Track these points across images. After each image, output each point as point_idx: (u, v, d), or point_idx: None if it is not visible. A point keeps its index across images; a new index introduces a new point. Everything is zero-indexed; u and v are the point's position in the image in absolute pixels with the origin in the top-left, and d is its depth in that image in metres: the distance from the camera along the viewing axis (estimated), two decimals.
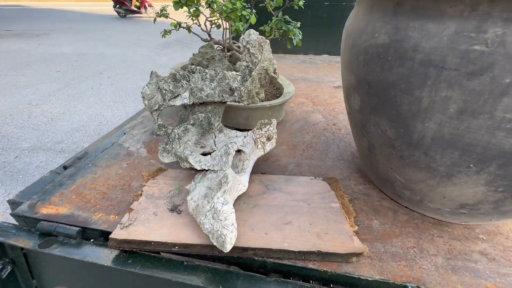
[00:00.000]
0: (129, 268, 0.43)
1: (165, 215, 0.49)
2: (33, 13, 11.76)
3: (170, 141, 0.61)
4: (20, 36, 6.85)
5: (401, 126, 0.39)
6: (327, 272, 0.42)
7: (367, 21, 0.41)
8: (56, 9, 13.40)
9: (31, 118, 2.52)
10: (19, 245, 0.47)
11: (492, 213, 0.42)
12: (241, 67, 0.56)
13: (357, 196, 0.57)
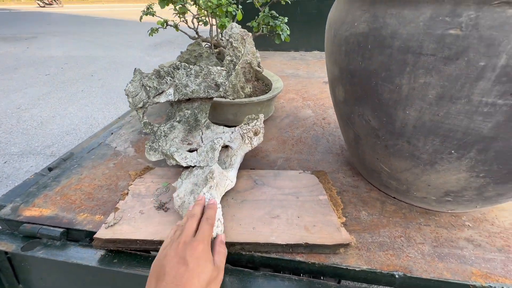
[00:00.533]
0: (114, 268, 0.42)
1: (151, 213, 0.49)
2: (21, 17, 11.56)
3: (156, 139, 0.60)
4: (8, 40, 6.72)
5: (383, 115, 0.39)
6: (315, 264, 0.42)
7: (347, 11, 0.40)
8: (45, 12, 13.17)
9: (20, 123, 2.47)
10: (1, 249, 0.46)
11: (476, 200, 0.43)
12: (226, 61, 0.55)
13: (346, 188, 0.57)
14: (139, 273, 0.41)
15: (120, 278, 0.44)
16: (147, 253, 0.45)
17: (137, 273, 0.41)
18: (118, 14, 11.79)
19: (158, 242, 0.43)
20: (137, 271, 0.41)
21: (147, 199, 0.52)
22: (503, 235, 0.46)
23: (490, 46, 0.26)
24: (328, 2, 1.71)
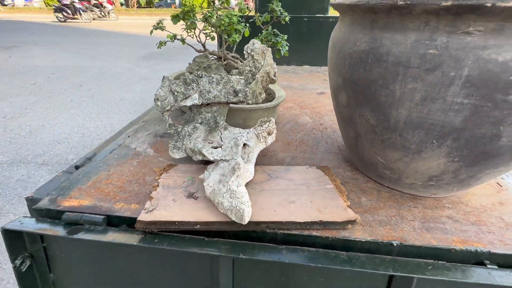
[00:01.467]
0: (157, 246, 0.48)
1: (183, 201, 0.55)
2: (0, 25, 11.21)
3: (180, 138, 0.67)
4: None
5: (380, 114, 0.49)
6: (328, 237, 0.50)
7: (350, 33, 0.51)
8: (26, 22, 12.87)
9: (7, 131, 2.42)
10: (48, 233, 0.51)
11: (453, 183, 0.53)
12: (244, 71, 0.65)
13: (346, 180, 0.67)
14: (180, 249, 0.47)
15: (160, 255, 0.51)
16: (182, 234, 0.51)
17: (178, 249, 0.48)
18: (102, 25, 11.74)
19: (194, 223, 0.50)
20: (178, 247, 0.48)
21: (177, 190, 0.59)
22: (475, 213, 0.57)
23: (457, 62, 0.37)
24: (316, 22, 1.88)
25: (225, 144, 0.62)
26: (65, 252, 0.57)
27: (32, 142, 2.24)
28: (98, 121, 2.65)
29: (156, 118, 1.02)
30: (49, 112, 2.84)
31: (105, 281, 0.59)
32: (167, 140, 0.84)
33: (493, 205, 0.60)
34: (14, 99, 3.20)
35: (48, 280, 0.60)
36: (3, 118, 2.70)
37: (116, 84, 3.81)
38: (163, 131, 0.91)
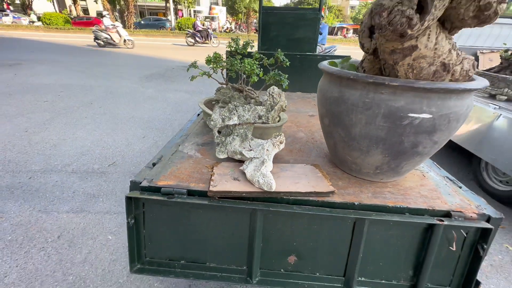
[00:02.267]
0: (219, 204, 0.84)
1: (232, 182, 0.92)
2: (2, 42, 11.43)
3: (223, 145, 1.05)
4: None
5: (346, 131, 0.89)
6: (319, 201, 0.87)
7: (329, 86, 0.92)
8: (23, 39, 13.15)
9: (32, 144, 2.69)
10: (157, 198, 0.85)
11: (389, 171, 0.93)
12: (266, 104, 1.04)
13: (329, 172, 1.05)
14: (237, 205, 0.83)
15: (225, 211, 0.86)
16: (234, 199, 0.87)
17: (232, 206, 0.84)
18: None
19: (242, 192, 0.86)
20: (232, 205, 0.84)
21: (226, 176, 0.95)
22: (404, 189, 0.96)
23: (378, 105, 0.78)
24: (307, 58, 2.35)
25: (255, 148, 1.00)
26: (155, 215, 0.91)
27: (58, 154, 2.52)
28: (115, 136, 2.96)
29: (192, 133, 1.39)
30: (67, 128, 3.13)
31: (179, 235, 0.93)
32: (206, 147, 1.21)
33: (416, 186, 0.99)
34: (31, 115, 3.48)
35: (141, 234, 0.93)
36: (25, 132, 2.97)
37: (124, 103, 4.15)
38: (202, 141, 1.27)
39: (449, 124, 0.77)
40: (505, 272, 1.48)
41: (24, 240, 1.54)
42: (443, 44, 0.70)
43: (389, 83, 0.73)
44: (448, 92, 0.72)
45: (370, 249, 0.89)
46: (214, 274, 0.96)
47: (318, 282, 0.94)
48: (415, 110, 0.75)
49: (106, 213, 1.78)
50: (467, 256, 0.89)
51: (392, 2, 0.62)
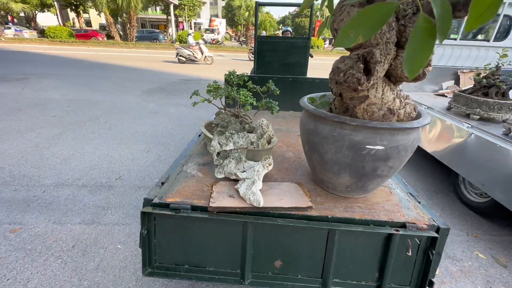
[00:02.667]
0: (221, 217, 1.03)
1: (228, 199, 1.11)
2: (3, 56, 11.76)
3: (221, 166, 1.25)
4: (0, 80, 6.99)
5: (321, 157, 1.10)
6: (298, 214, 1.07)
7: (307, 120, 1.13)
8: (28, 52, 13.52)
9: (43, 159, 2.88)
10: (166, 212, 1.04)
11: (357, 189, 1.13)
12: (257, 132, 1.25)
13: (310, 190, 1.25)
14: (232, 219, 1.03)
15: (222, 223, 1.05)
16: (230, 213, 1.06)
17: (227, 219, 1.03)
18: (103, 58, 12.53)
19: (236, 208, 1.06)
20: (229, 218, 1.03)
21: (223, 193, 1.15)
22: (371, 204, 1.15)
23: (343, 138, 0.98)
24: (298, 81, 2.58)
25: (247, 170, 1.20)
26: (164, 227, 1.10)
27: (69, 168, 2.71)
28: (120, 151, 3.16)
29: (195, 154, 1.59)
30: (76, 143, 3.33)
31: (183, 244, 1.12)
32: (207, 167, 1.40)
33: (382, 201, 1.19)
34: (41, 130, 3.68)
35: (152, 242, 1.12)
36: (37, 147, 3.17)
37: (128, 118, 4.37)
38: (203, 161, 1.47)
39: (399, 153, 0.98)
40: (473, 276, 1.65)
41: (43, 249, 1.71)
42: (388, 94, 0.91)
43: (349, 122, 0.94)
44: (394, 130, 0.93)
45: (342, 255, 1.08)
46: (212, 277, 1.14)
47: (300, 283, 1.12)
48: (371, 143, 0.95)
49: (115, 224, 1.96)
50: (422, 260, 1.07)
51: (346, 66, 0.83)
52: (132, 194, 2.33)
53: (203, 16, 41.61)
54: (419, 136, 1.03)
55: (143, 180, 2.55)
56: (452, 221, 2.17)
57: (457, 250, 1.85)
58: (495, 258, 1.80)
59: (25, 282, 1.49)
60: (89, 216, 2.03)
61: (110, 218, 2.02)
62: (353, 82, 0.82)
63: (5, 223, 1.93)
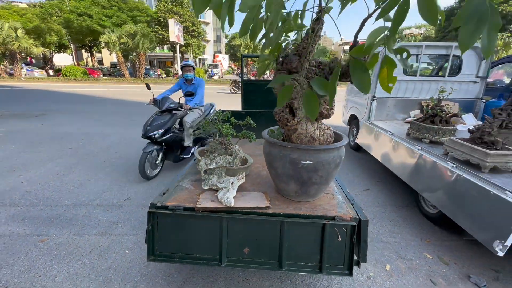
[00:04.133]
0: (205, 215, 1.47)
1: (210, 202, 1.56)
2: (23, 94, 12.82)
3: (207, 180, 1.71)
4: (20, 117, 7.75)
5: (275, 171, 1.56)
6: (260, 212, 1.50)
7: (265, 145, 1.62)
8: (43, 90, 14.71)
9: (63, 184, 3.35)
10: (162, 212, 1.48)
11: (303, 194, 1.57)
12: (234, 155, 1.73)
13: (272, 196, 1.69)
14: (214, 215, 1.46)
15: (204, 219, 1.48)
16: (211, 212, 1.49)
17: (210, 215, 1.46)
18: (114, 94, 13.55)
19: (216, 208, 1.50)
20: (213, 215, 1.47)
21: (207, 199, 1.59)
22: (315, 206, 1.58)
23: (285, 157, 1.45)
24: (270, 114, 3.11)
25: (225, 182, 1.66)
26: (163, 223, 1.53)
27: (85, 192, 3.17)
28: (129, 176, 3.63)
29: (190, 173, 2.05)
30: (90, 170, 3.82)
31: (177, 237, 1.54)
32: (197, 182, 1.86)
33: (324, 203, 1.61)
34: (59, 161, 4.20)
35: (155, 236, 1.54)
36: (57, 175, 3.65)
37: (135, 148, 4.90)
38: (195, 179, 1.93)
39: (324, 166, 1.44)
40: (418, 272, 1.99)
41: (65, 254, 2.11)
42: (310, 127, 1.40)
43: (287, 146, 1.42)
44: (316, 150, 1.40)
45: (292, 242, 1.48)
46: (198, 261, 1.54)
47: (263, 265, 1.52)
48: (303, 159, 1.42)
49: (124, 235, 2.36)
50: (350, 245, 1.47)
51: (279, 111, 1.34)
52: (139, 212, 2.75)
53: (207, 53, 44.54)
54: (340, 154, 1.50)
55: (148, 200, 2.98)
56: (411, 230, 2.52)
57: (409, 252, 2.20)
58: (440, 258, 2.14)
59: (53, 277, 1.87)
60: (103, 229, 2.45)
61: (120, 230, 2.43)
62: (284, 120, 1.32)
63: (34, 235, 2.35)
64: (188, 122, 3.52)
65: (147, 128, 3.28)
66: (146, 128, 3.28)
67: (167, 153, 3.61)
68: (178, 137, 3.58)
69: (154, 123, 3.31)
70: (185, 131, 3.58)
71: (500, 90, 4.56)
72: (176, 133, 3.54)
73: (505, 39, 18.86)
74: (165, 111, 3.45)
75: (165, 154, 3.58)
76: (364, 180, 3.66)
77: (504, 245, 1.65)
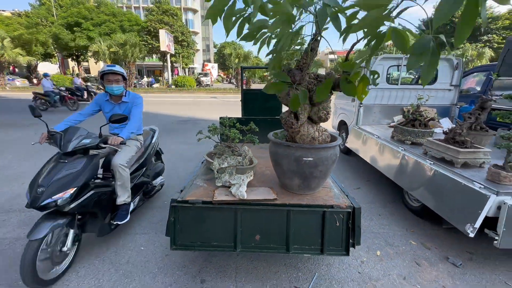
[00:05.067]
0: (222, 206, 1.69)
1: (225, 196, 1.78)
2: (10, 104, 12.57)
3: (220, 178, 1.94)
4: (11, 126, 7.68)
5: (281, 168, 1.81)
6: (268, 203, 1.74)
7: (271, 145, 1.87)
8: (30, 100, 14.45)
9: None
10: (183, 205, 1.70)
11: (305, 187, 1.82)
12: (242, 154, 1.97)
13: (277, 191, 1.93)
14: (231, 207, 1.69)
15: (221, 211, 1.70)
16: (227, 204, 1.71)
17: (226, 207, 1.69)
18: None
19: (231, 201, 1.72)
20: (229, 207, 1.69)
21: (221, 193, 1.82)
22: (317, 197, 1.84)
23: (290, 155, 1.70)
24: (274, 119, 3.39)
25: (236, 179, 1.89)
26: (184, 215, 1.74)
27: None
28: None
29: (200, 173, 2.27)
30: None
31: (196, 227, 1.74)
32: (210, 181, 2.07)
33: (323, 195, 1.87)
34: None
35: (176, 227, 1.74)
36: None
37: None
38: (206, 178, 2.15)
39: (323, 162, 1.70)
40: (404, 255, 2.26)
41: (84, 253, 2.25)
42: (311, 129, 1.67)
43: (292, 145, 1.68)
44: (316, 149, 1.67)
45: (297, 228, 1.72)
46: (215, 249, 1.75)
47: (272, 250, 1.74)
48: (306, 156, 1.68)
49: (137, 234, 2.52)
50: (346, 229, 1.73)
51: (285, 116, 1.60)
52: (148, 213, 2.91)
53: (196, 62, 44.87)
54: (336, 152, 1.77)
55: (156, 203, 3.15)
56: (398, 222, 2.81)
57: (396, 240, 2.48)
58: (423, 244, 2.42)
59: (76, 272, 2.02)
60: (117, 229, 2.60)
61: (133, 230, 2.59)
62: (289, 124, 1.58)
63: None
64: (121, 165, 2.20)
65: (38, 191, 1.74)
66: (36, 191, 1.75)
67: (86, 223, 2.11)
68: (105, 194, 2.14)
69: (54, 178, 1.80)
70: (117, 180, 2.21)
71: (473, 97, 5.04)
72: (100, 188, 2.10)
73: (478, 49, 20.22)
74: (73, 153, 2.00)
75: (82, 226, 2.09)
76: (355, 180, 3.96)
77: (474, 227, 1.95)
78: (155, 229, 2.60)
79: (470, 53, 19.97)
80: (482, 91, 4.96)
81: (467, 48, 20.34)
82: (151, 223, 2.72)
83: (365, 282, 1.96)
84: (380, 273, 2.06)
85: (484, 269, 2.12)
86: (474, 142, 2.58)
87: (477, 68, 5.65)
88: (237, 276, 1.99)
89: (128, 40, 20.09)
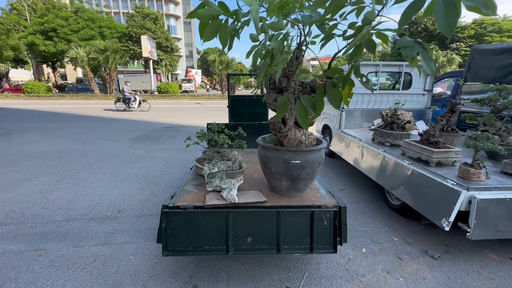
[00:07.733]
0: (214, 210, 1.72)
1: (216, 200, 1.82)
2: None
3: (210, 183, 1.97)
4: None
5: (269, 171, 1.87)
6: (259, 206, 1.79)
7: (260, 149, 1.93)
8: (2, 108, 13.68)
9: (50, 202, 3.33)
10: (174, 211, 1.71)
11: (294, 189, 1.90)
12: (232, 159, 2.02)
13: (267, 193, 1.99)
14: (221, 211, 1.72)
15: (212, 215, 1.73)
16: (218, 208, 1.75)
17: (217, 211, 1.72)
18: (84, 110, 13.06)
19: (222, 205, 1.76)
20: (220, 211, 1.72)
21: (213, 197, 1.85)
22: (303, 198, 1.91)
23: (279, 158, 1.78)
24: (262, 124, 3.47)
25: (227, 183, 1.93)
26: (175, 221, 1.75)
27: (75, 207, 3.18)
28: (118, 190, 3.69)
29: (190, 179, 2.28)
30: (75, 187, 3.80)
31: (188, 232, 1.76)
32: (200, 186, 2.10)
33: (311, 196, 1.95)
34: (40, 179, 4.10)
35: (168, 233, 1.75)
36: (40, 193, 3.59)
37: (119, 163, 4.92)
38: (196, 183, 2.17)
39: (309, 164, 1.79)
40: (388, 251, 2.39)
41: (69, 265, 2.18)
42: (298, 133, 1.75)
43: (280, 149, 1.75)
44: (303, 151, 1.75)
45: (287, 229, 1.79)
46: (208, 253, 1.77)
47: (264, 251, 1.79)
48: (293, 159, 1.76)
49: (125, 243, 2.48)
50: (334, 228, 1.81)
51: (273, 120, 1.68)
52: (135, 221, 2.87)
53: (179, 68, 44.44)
54: (321, 154, 1.86)
55: (142, 211, 3.10)
56: (381, 220, 2.95)
57: (380, 237, 2.61)
58: (404, 239, 2.57)
59: (61, 286, 1.96)
60: (102, 239, 2.54)
61: (120, 239, 2.54)
62: (277, 129, 1.66)
63: (31, 250, 2.37)
64: None
65: None
66: None
67: None
68: None
69: None
70: None
71: (444, 100, 5.41)
72: None
73: (448, 56, 21.62)
74: None
75: None
76: (339, 182, 4.11)
77: (448, 221, 2.10)
78: (144, 238, 2.56)
79: (441, 59, 21.31)
80: (452, 95, 5.34)
81: (438, 55, 21.70)
82: (139, 232, 2.68)
83: (352, 278, 2.05)
84: (366, 269, 2.16)
85: (460, 260, 2.29)
86: (446, 143, 2.79)
87: (447, 74, 6.08)
88: (229, 279, 2.01)
89: (109, 46, 19.62)
